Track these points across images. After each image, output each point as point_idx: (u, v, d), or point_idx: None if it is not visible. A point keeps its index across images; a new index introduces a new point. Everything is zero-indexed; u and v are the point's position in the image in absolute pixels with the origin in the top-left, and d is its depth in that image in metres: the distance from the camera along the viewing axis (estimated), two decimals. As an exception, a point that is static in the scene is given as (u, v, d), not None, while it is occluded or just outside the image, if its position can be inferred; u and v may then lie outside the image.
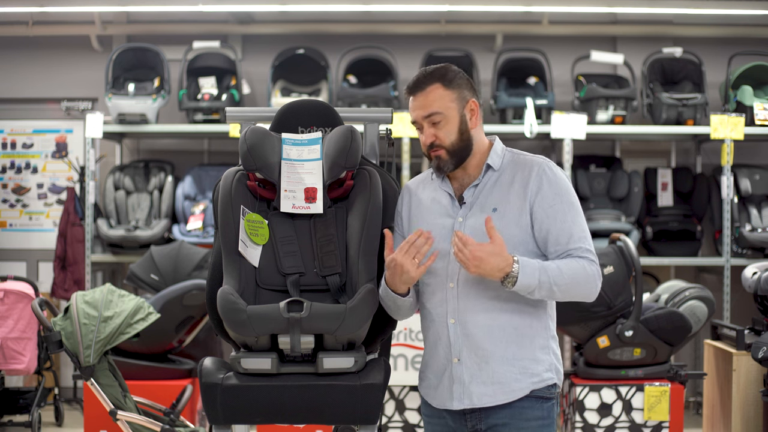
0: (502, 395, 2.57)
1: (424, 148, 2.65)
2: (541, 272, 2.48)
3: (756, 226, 6.29)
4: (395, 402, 4.97)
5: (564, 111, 6.15)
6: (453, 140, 2.60)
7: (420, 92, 2.62)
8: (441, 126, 2.60)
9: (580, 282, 2.54)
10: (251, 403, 2.58)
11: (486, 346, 2.56)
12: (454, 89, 2.61)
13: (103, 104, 6.69)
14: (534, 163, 2.64)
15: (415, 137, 6.04)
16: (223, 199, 2.74)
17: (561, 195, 2.60)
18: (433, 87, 2.60)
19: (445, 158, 2.61)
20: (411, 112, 2.66)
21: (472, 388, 2.58)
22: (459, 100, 2.61)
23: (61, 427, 6.14)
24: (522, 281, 2.47)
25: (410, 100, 2.65)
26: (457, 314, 2.59)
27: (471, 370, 2.58)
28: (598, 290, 2.59)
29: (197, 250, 5.43)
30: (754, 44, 6.83)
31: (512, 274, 2.46)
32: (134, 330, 4.30)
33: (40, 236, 7.22)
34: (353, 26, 7.01)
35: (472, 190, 2.65)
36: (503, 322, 2.57)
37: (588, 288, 2.56)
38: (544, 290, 2.50)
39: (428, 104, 2.60)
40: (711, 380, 5.37)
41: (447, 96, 2.60)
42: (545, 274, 2.49)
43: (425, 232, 2.50)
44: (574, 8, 6.53)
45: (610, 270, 4.76)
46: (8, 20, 7.02)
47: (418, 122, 2.63)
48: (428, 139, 2.61)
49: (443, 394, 2.64)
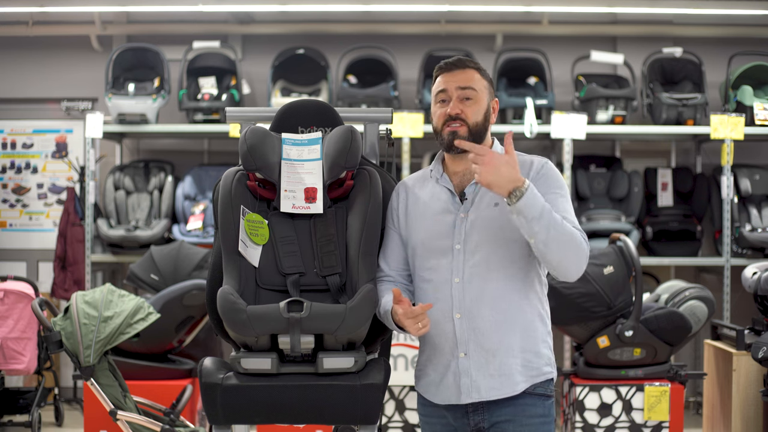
0: (507, 388, 2.59)
1: (441, 120, 2.65)
2: (546, 208, 2.48)
3: (756, 226, 6.29)
4: (395, 402, 4.97)
5: (564, 111, 6.15)
6: (478, 120, 2.64)
7: (459, 70, 2.67)
8: (471, 104, 2.64)
9: (573, 245, 2.51)
10: (251, 403, 2.58)
11: (494, 339, 2.58)
12: (487, 81, 2.70)
13: (103, 104, 6.69)
14: (534, 160, 2.69)
15: (416, 137, 6.06)
16: (223, 199, 2.74)
17: (557, 188, 2.64)
18: (470, 70, 2.68)
19: (462, 134, 2.62)
20: (441, 84, 2.67)
21: (480, 381, 2.59)
22: (489, 91, 2.70)
23: (61, 427, 6.14)
24: (528, 199, 2.45)
25: (441, 77, 2.68)
26: (463, 309, 2.60)
27: (479, 363, 2.59)
28: (583, 269, 2.57)
29: (197, 250, 5.43)
30: (754, 44, 6.83)
31: (522, 189, 2.45)
32: (134, 330, 4.30)
33: (40, 236, 7.22)
34: (353, 26, 7.01)
35: (474, 186, 2.67)
36: (509, 315, 2.59)
37: (577, 255, 2.53)
38: (542, 225, 2.46)
39: (467, 80, 2.66)
40: (711, 380, 5.37)
41: (482, 82, 2.68)
42: (549, 213, 2.48)
43: (427, 306, 2.52)
44: (574, 8, 6.53)
45: (610, 270, 4.76)
46: (8, 20, 7.02)
47: (449, 92, 2.65)
48: (454, 110, 2.63)
49: (448, 389, 2.64)
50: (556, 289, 4.58)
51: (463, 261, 2.59)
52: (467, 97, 2.64)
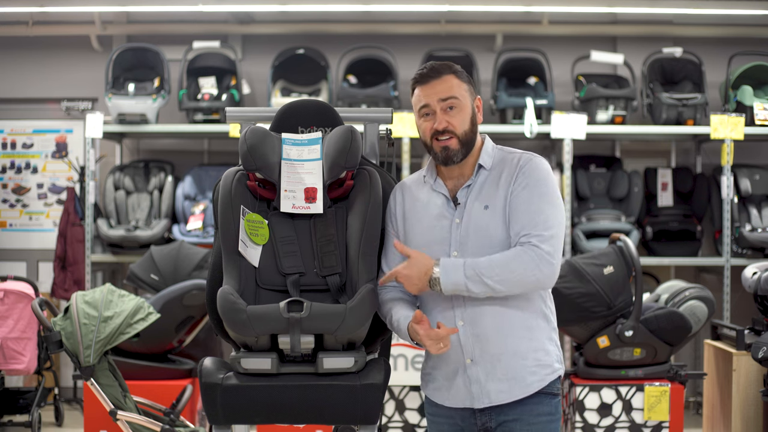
0: (517, 390, 2.59)
1: (429, 135, 2.63)
2: (466, 268, 2.49)
3: (756, 226, 6.29)
4: (395, 402, 4.97)
5: (564, 111, 6.15)
6: (466, 129, 2.62)
7: (435, 79, 2.62)
8: (455, 113, 2.61)
9: (516, 270, 2.49)
10: (251, 403, 2.58)
11: (498, 343, 2.58)
12: (465, 82, 2.65)
13: (103, 104, 6.69)
14: (520, 157, 2.65)
15: (416, 137, 6.05)
16: (223, 199, 2.73)
17: (533, 185, 2.58)
18: (448, 77, 2.63)
19: (455, 148, 2.61)
20: (422, 98, 2.63)
21: (489, 386, 2.60)
22: (470, 92, 2.66)
23: (61, 427, 6.14)
24: (446, 280, 2.50)
25: (420, 89, 2.64)
26: (465, 316, 2.59)
27: (486, 368, 2.60)
28: (549, 275, 2.52)
29: (197, 250, 5.43)
30: (754, 44, 6.83)
31: (434, 276, 2.51)
32: (134, 330, 4.30)
33: (40, 236, 7.22)
34: (353, 26, 7.01)
35: (465, 190, 2.66)
36: (511, 318, 2.59)
37: (528, 275, 2.50)
38: (479, 284, 2.49)
39: (446, 90, 2.61)
40: (711, 380, 5.37)
41: (461, 86, 2.63)
42: (471, 270, 2.49)
43: (452, 330, 2.54)
44: (574, 8, 6.53)
45: (610, 270, 4.76)
46: (8, 20, 7.02)
47: (432, 105, 2.61)
48: (441, 125, 2.60)
49: (460, 395, 2.64)
50: (556, 289, 4.56)
51: None
52: (451, 106, 2.61)
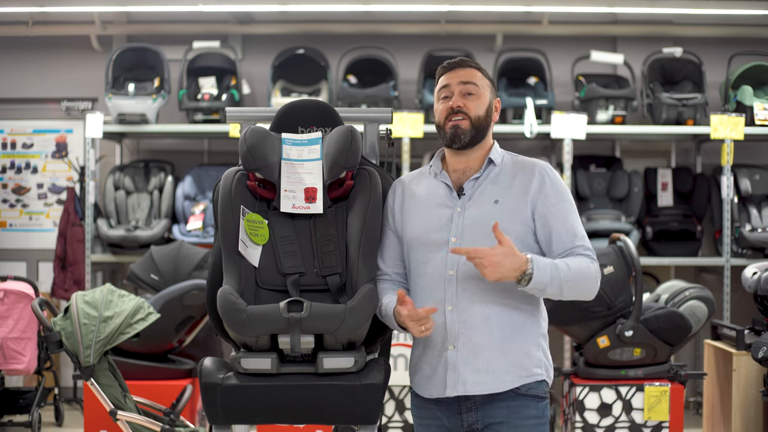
0: (494, 384, 2.60)
1: (444, 115, 2.69)
2: (552, 269, 2.54)
3: (756, 226, 6.29)
4: (395, 402, 4.97)
5: (564, 111, 6.15)
6: (480, 114, 2.68)
7: (461, 68, 2.72)
8: (473, 98, 2.69)
9: (585, 279, 2.60)
10: (251, 403, 2.58)
11: (482, 334, 2.59)
12: (488, 80, 2.75)
13: (103, 104, 6.69)
14: (536, 164, 2.72)
15: (416, 137, 6.05)
16: (223, 199, 2.74)
17: (562, 195, 2.68)
18: (473, 69, 2.73)
19: (465, 128, 2.66)
20: (444, 81, 2.72)
21: (467, 375, 2.60)
22: (491, 90, 2.75)
23: (61, 427, 6.14)
24: (536, 278, 2.51)
25: (444, 75, 2.73)
26: (456, 301, 2.61)
27: (465, 357, 2.60)
28: (597, 289, 2.66)
29: (197, 250, 5.43)
30: (754, 44, 6.83)
31: (528, 272, 2.51)
32: (134, 330, 4.30)
33: (40, 236, 7.22)
34: (353, 26, 7.01)
35: (473, 182, 2.69)
36: (500, 313, 2.60)
37: (590, 285, 2.63)
38: (555, 287, 2.55)
39: (469, 75, 2.71)
40: (711, 380, 5.37)
41: (483, 80, 2.73)
42: (556, 271, 2.54)
43: (431, 309, 2.54)
44: (574, 8, 6.53)
45: (610, 270, 4.76)
46: (8, 20, 7.02)
47: (451, 86, 2.69)
48: (456, 103, 2.67)
49: (437, 383, 2.65)
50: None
51: (457, 255, 2.60)
52: (469, 92, 2.69)
